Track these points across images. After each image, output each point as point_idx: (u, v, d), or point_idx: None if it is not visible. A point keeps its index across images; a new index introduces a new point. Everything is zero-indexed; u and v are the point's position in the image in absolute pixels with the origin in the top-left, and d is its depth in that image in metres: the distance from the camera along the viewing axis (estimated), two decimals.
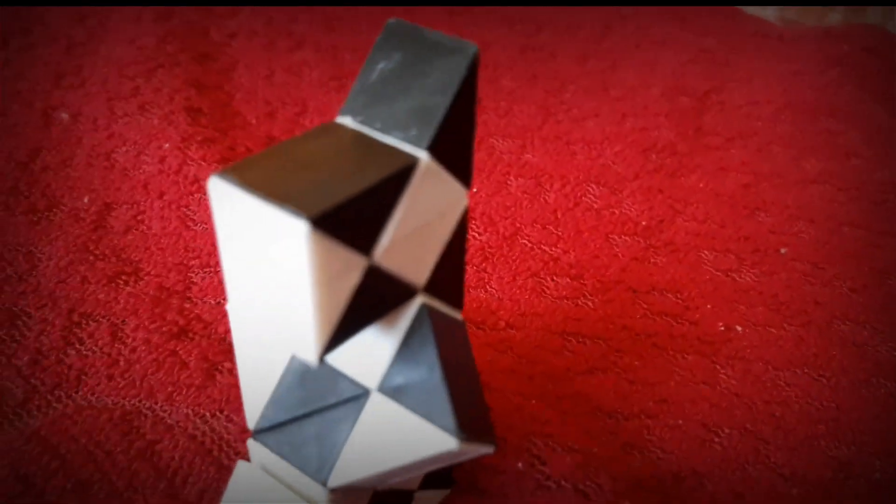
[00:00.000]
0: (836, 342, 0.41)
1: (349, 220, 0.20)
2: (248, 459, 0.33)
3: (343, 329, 0.22)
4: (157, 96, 0.51)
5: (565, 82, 0.60)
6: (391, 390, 0.25)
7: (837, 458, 0.36)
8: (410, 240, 0.23)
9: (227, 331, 0.39)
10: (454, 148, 0.23)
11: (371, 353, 0.25)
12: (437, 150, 0.22)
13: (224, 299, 0.40)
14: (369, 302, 0.23)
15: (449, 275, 0.26)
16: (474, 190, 0.49)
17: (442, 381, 0.24)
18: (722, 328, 0.41)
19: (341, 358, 0.26)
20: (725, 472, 0.35)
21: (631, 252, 0.46)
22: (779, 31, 0.67)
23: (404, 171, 0.22)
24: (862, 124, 0.57)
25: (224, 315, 0.39)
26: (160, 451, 0.34)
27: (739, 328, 0.41)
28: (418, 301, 0.25)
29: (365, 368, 0.25)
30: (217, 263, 0.42)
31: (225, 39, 0.60)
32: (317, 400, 0.26)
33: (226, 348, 0.38)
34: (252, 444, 0.26)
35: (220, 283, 0.41)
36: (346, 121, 0.24)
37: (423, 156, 0.22)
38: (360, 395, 0.25)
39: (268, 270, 0.21)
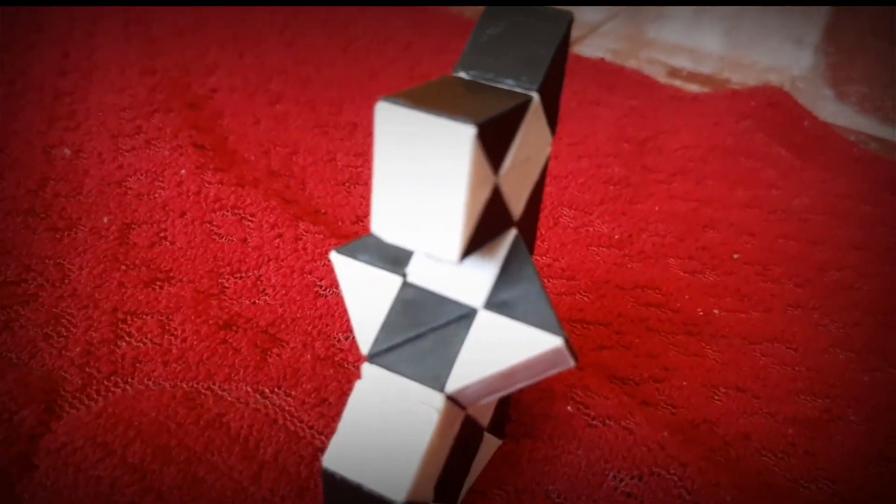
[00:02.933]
0: (796, 322, 0.48)
1: (493, 135, 0.25)
2: (310, 427, 0.36)
3: (475, 238, 0.26)
4: (161, 133, 0.54)
5: None
6: (496, 306, 0.28)
7: (818, 406, 0.42)
8: (517, 171, 0.28)
9: (269, 324, 0.41)
10: (551, 96, 0.29)
11: (473, 277, 0.29)
12: (543, 93, 0.28)
13: (258, 300, 0.43)
14: (490, 220, 0.27)
15: (531, 218, 0.31)
16: None
17: (543, 293, 0.28)
18: (701, 313, 0.47)
19: (446, 284, 0.29)
20: (730, 419, 0.40)
21: (611, 259, 0.51)
22: (692, 95, 0.78)
23: (524, 104, 0.27)
24: (774, 163, 0.67)
25: (264, 310, 0.42)
26: (228, 423, 0.35)
27: (717, 311, 0.47)
28: (513, 232, 0.29)
29: (469, 291, 0.29)
30: (248, 269, 0.44)
31: (208, 93, 0.64)
32: (427, 322, 0.29)
33: (271, 338, 0.40)
34: (367, 367, 0.29)
35: (252, 286, 0.44)
36: (462, 74, 0.28)
37: (534, 95, 0.27)
38: (468, 314, 0.29)
39: (423, 180, 0.25)
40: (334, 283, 0.44)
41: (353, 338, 0.41)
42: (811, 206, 0.62)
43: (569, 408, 0.36)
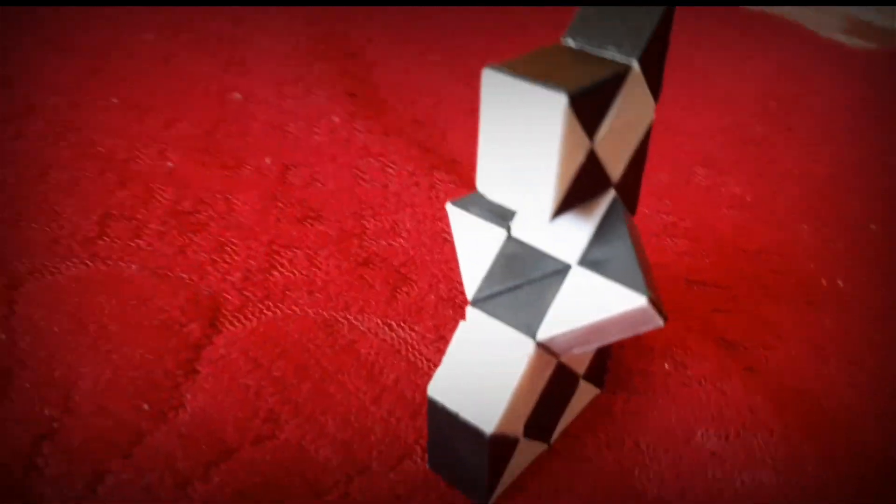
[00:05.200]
0: None
1: (587, 103, 0.27)
2: (428, 360, 0.40)
3: (568, 199, 0.29)
4: (320, 82, 0.59)
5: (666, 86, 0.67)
6: (590, 263, 0.31)
7: None
8: (616, 136, 0.30)
9: (402, 264, 0.45)
10: (653, 65, 0.30)
11: (570, 235, 0.32)
12: (643, 62, 0.29)
13: (393, 242, 0.47)
14: (585, 182, 0.29)
15: (631, 180, 0.33)
16: None
17: (634, 254, 0.30)
18: (825, 283, 0.47)
19: (544, 241, 0.32)
20: (835, 391, 0.40)
21: (739, 221, 0.52)
22: (854, 51, 0.74)
23: (622, 73, 0.28)
24: None
25: (398, 251, 0.46)
26: (358, 349, 0.40)
27: (840, 283, 0.47)
28: (611, 193, 0.31)
29: (565, 248, 0.32)
30: (387, 213, 0.49)
31: (364, 43, 0.68)
32: (525, 274, 0.32)
33: (402, 276, 0.45)
34: (471, 311, 0.33)
35: (390, 228, 0.48)
36: (569, 42, 0.31)
37: (634, 64, 0.29)
38: (562, 269, 0.32)
39: (521, 144, 0.27)
40: None
41: None
42: None
43: (666, 365, 0.38)
